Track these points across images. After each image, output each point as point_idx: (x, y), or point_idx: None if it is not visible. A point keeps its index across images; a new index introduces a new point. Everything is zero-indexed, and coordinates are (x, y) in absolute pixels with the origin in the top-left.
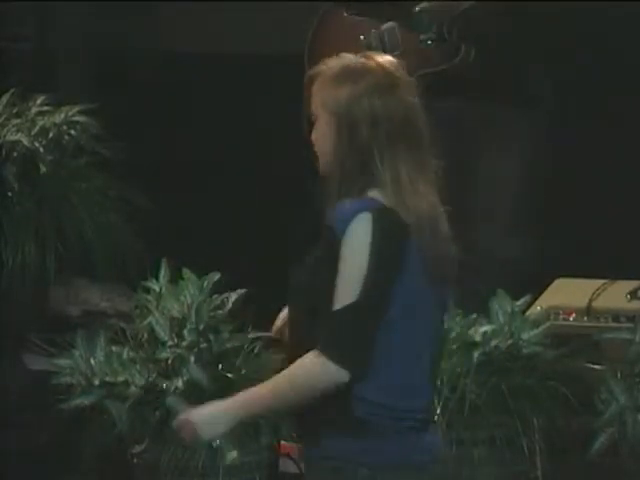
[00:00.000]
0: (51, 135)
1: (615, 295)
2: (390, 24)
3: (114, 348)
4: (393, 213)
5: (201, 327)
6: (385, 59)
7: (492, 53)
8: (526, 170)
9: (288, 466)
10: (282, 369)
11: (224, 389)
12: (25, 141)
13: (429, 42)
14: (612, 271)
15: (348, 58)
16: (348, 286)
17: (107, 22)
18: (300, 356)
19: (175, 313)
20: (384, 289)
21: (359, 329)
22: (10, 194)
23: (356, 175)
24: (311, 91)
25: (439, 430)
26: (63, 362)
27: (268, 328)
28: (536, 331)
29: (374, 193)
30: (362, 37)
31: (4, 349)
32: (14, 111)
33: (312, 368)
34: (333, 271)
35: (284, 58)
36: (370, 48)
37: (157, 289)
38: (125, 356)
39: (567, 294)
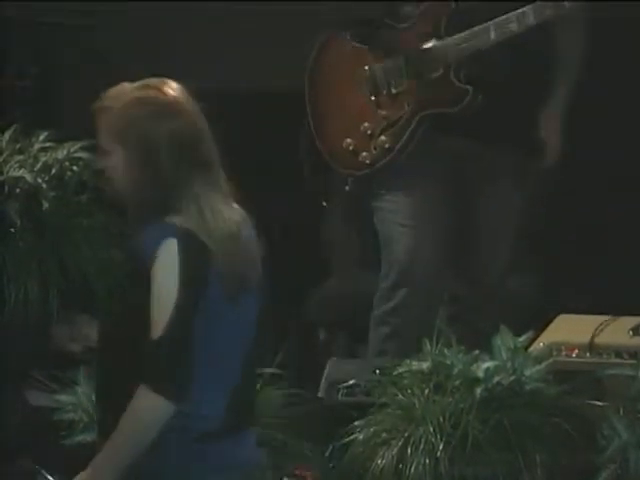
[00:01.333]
0: (54, 171)
1: (618, 331)
2: (396, 59)
3: None
4: (196, 237)
5: None
6: (167, 84)
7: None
8: (528, 206)
9: None
10: (284, 404)
11: None
12: (28, 177)
13: (436, 82)
14: (615, 307)
15: (130, 88)
16: (163, 315)
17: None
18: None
19: None
20: (193, 313)
21: (177, 356)
22: (12, 230)
23: (156, 202)
24: (99, 124)
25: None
26: (65, 398)
27: (270, 364)
28: (539, 367)
29: (176, 219)
30: (366, 68)
31: (6, 385)
32: (17, 147)
33: (139, 403)
34: (143, 299)
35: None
36: (374, 81)
37: None
38: None
39: (570, 330)
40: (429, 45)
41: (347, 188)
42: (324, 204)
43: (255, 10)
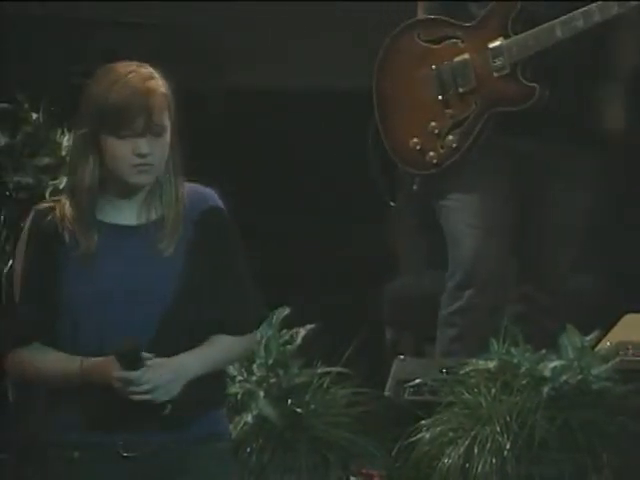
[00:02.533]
0: None
1: None
2: (464, 57)
3: None
4: None
5: (270, 362)
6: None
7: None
8: (595, 204)
9: None
10: (350, 403)
11: (293, 424)
12: None
13: (503, 81)
14: None
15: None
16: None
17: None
18: None
19: None
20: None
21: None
22: None
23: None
24: (152, 103)
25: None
26: None
27: (336, 363)
28: (605, 366)
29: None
30: (433, 67)
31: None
32: None
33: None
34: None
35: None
36: (441, 80)
37: None
38: None
39: (637, 329)
40: (496, 44)
41: (414, 188)
42: (391, 204)
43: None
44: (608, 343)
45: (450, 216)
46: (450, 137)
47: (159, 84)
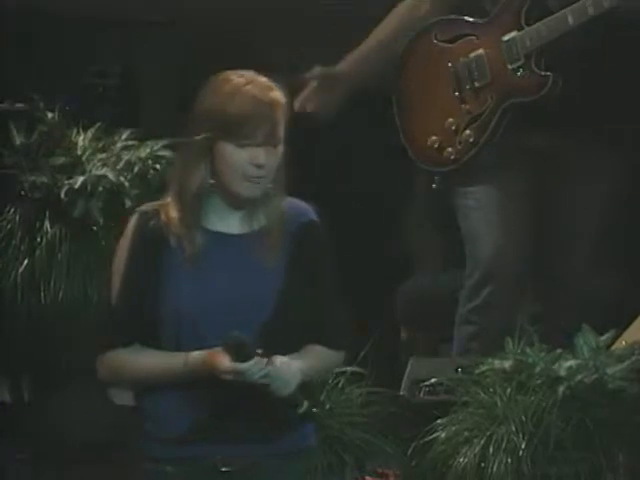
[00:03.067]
0: (136, 170)
1: None
2: (478, 53)
3: None
4: None
5: None
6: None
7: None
8: (610, 202)
9: None
10: (366, 403)
11: None
12: (111, 175)
13: (517, 72)
14: None
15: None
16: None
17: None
18: None
19: None
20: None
21: None
22: (95, 229)
23: None
24: (276, 116)
25: None
26: None
27: (352, 363)
28: (621, 366)
29: None
30: (450, 65)
31: (89, 383)
32: (99, 146)
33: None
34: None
35: None
36: (458, 76)
37: None
38: None
39: None
40: (509, 36)
41: (434, 186)
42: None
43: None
44: (624, 342)
45: (470, 214)
46: (467, 132)
47: (281, 95)
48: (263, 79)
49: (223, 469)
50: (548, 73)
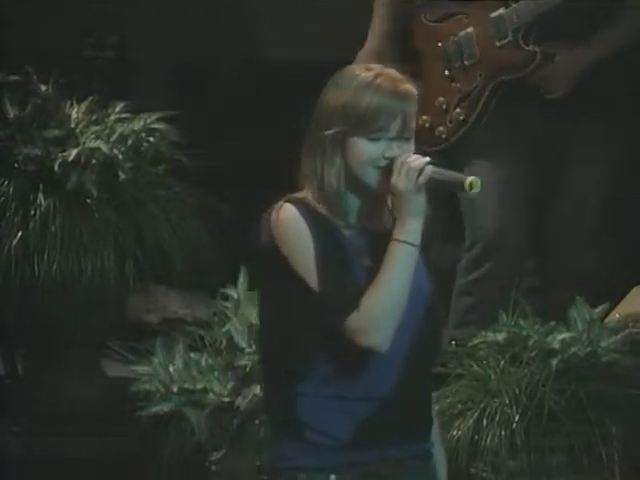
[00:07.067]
0: (130, 142)
1: None
2: (467, 31)
3: (192, 355)
4: None
5: None
6: None
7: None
8: (603, 177)
9: None
10: None
11: None
12: (104, 148)
13: (505, 49)
14: None
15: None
16: None
17: (187, 32)
18: None
19: (253, 320)
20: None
21: None
22: (89, 201)
23: None
24: (410, 109)
25: None
26: (142, 369)
27: None
28: (615, 339)
29: None
30: (439, 44)
31: (83, 356)
32: (93, 118)
33: None
34: None
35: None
36: (448, 55)
37: (235, 296)
38: (203, 363)
39: None
40: (497, 13)
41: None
42: None
43: None
44: (617, 315)
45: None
46: (457, 110)
47: (412, 87)
48: (392, 71)
49: (381, 473)
50: (535, 49)
